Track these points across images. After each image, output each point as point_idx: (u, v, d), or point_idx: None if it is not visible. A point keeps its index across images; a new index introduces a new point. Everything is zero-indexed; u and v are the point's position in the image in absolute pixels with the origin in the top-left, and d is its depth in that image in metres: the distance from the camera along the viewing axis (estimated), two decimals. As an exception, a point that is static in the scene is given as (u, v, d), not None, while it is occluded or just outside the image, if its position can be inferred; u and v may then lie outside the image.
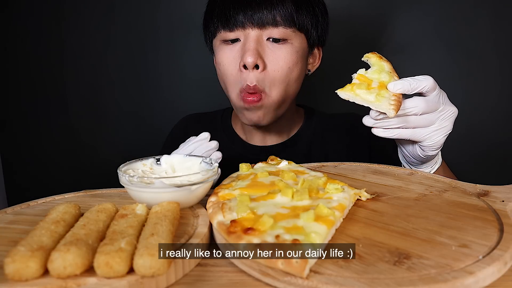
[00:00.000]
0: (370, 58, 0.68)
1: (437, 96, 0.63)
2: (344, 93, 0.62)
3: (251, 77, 0.82)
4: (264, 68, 0.82)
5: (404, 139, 0.66)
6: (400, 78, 0.63)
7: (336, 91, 0.62)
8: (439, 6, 1.31)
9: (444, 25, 1.32)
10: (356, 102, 0.62)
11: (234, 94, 0.87)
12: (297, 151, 0.99)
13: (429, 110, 0.63)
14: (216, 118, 1.09)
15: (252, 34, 0.82)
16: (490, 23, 1.30)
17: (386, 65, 0.66)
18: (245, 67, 0.82)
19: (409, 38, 1.34)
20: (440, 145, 0.66)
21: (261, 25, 0.81)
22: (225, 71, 0.86)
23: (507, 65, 1.32)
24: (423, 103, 0.62)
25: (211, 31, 0.89)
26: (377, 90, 0.61)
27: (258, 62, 0.80)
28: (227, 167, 0.66)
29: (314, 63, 0.97)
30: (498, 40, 1.31)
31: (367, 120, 0.65)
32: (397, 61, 1.34)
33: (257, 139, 1.02)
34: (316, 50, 0.95)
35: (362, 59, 0.68)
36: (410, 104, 0.62)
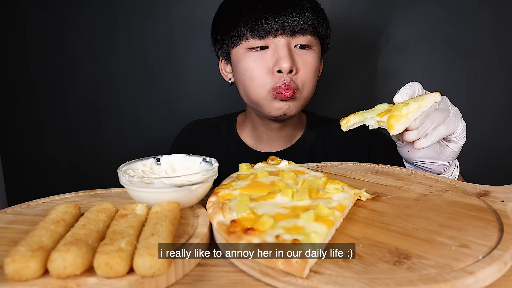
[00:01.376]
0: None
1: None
2: (398, 126, 0.56)
3: (283, 79, 0.86)
4: (297, 72, 0.88)
5: (440, 139, 0.64)
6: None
7: (391, 134, 0.57)
8: (439, 6, 1.31)
9: (444, 25, 1.32)
10: (410, 121, 0.57)
11: (263, 92, 0.88)
12: (300, 157, 1.00)
13: (440, 102, 0.62)
14: (221, 124, 1.10)
15: (282, 41, 0.86)
16: (490, 23, 1.30)
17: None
18: (278, 71, 0.86)
19: (409, 38, 1.34)
20: (464, 128, 0.66)
21: (291, 33, 0.86)
22: (253, 76, 0.88)
23: (508, 65, 1.32)
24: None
25: (233, 39, 0.90)
26: (402, 104, 0.59)
27: (293, 67, 0.86)
28: (229, 168, 0.66)
29: (321, 69, 1.01)
30: (499, 40, 1.31)
31: (410, 135, 0.61)
32: (397, 62, 1.35)
33: (265, 145, 1.04)
34: (322, 58, 1.00)
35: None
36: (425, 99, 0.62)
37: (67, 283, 0.36)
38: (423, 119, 0.59)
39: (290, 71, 0.86)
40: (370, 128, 0.61)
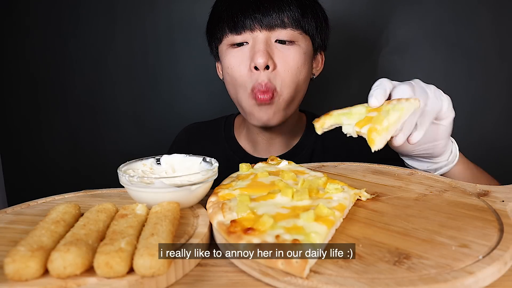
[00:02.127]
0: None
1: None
2: (379, 141, 0.53)
3: (262, 76, 0.83)
4: (274, 68, 0.84)
5: (431, 120, 0.62)
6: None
7: (374, 150, 0.53)
8: (439, 6, 1.31)
9: (444, 25, 1.32)
10: (391, 134, 0.55)
11: (245, 95, 0.87)
12: (301, 160, 0.99)
13: (415, 87, 0.60)
14: (219, 127, 1.09)
15: (260, 36, 0.84)
16: (490, 23, 1.30)
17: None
18: (256, 68, 0.83)
19: (409, 38, 1.34)
20: (449, 101, 0.63)
21: (270, 27, 0.83)
22: (234, 74, 0.87)
23: (508, 65, 1.32)
24: (406, 84, 0.60)
25: (217, 37, 0.90)
26: (383, 111, 0.56)
27: (268, 62, 0.82)
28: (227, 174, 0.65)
29: (318, 67, 0.98)
30: (499, 40, 1.31)
31: (398, 140, 0.60)
32: (397, 62, 1.35)
33: (262, 150, 1.02)
34: (319, 55, 0.97)
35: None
36: (400, 92, 0.59)
37: (67, 283, 0.36)
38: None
39: (268, 68, 0.83)
40: (347, 136, 0.58)
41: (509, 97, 1.34)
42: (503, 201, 0.54)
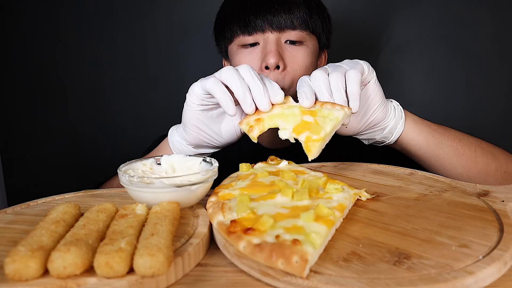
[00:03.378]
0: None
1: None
2: (316, 151, 0.56)
3: (271, 76, 0.85)
4: (284, 68, 0.86)
5: (358, 84, 0.63)
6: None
7: (310, 159, 0.57)
8: (439, 6, 1.31)
9: (444, 25, 1.32)
10: (327, 142, 0.58)
11: None
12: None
13: (328, 68, 0.64)
14: None
15: (271, 37, 0.86)
16: (490, 23, 1.30)
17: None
18: (266, 68, 0.85)
19: (409, 38, 1.34)
20: (366, 63, 0.66)
21: (280, 28, 0.86)
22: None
23: (508, 65, 1.32)
24: (318, 70, 0.63)
25: (228, 37, 0.92)
26: (319, 117, 0.58)
27: (279, 63, 0.84)
28: (231, 168, 0.66)
29: (321, 65, 1.00)
30: (498, 40, 1.31)
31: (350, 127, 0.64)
32: (397, 62, 1.35)
33: (266, 141, 1.03)
34: (322, 53, 0.99)
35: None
36: (315, 78, 0.62)
37: (67, 283, 0.36)
38: (330, 95, 0.61)
39: (278, 68, 0.85)
40: (283, 139, 0.59)
41: (509, 97, 1.34)
42: (503, 201, 0.54)
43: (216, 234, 0.47)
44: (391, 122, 0.72)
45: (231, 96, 0.60)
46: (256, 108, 0.61)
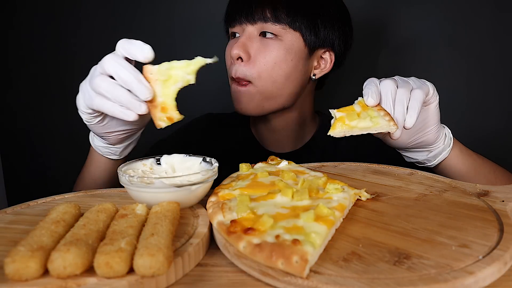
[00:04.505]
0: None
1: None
2: (338, 131, 0.61)
3: (235, 68, 0.88)
4: (249, 60, 0.87)
5: (421, 102, 0.65)
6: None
7: (329, 134, 0.61)
8: (440, 6, 1.30)
9: (444, 25, 1.32)
10: (354, 134, 0.61)
11: (230, 82, 0.93)
12: (311, 159, 0.98)
13: (398, 80, 0.66)
14: (236, 120, 1.09)
15: (247, 29, 0.89)
16: (490, 23, 1.30)
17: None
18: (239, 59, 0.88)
19: (409, 38, 1.34)
20: (431, 85, 0.67)
21: (253, 20, 0.87)
22: (226, 63, 0.94)
23: (508, 65, 1.32)
24: (389, 79, 0.65)
25: (227, 28, 0.97)
26: (366, 113, 0.61)
27: (241, 54, 0.86)
28: (231, 168, 0.66)
29: (321, 67, 0.96)
30: (499, 40, 1.31)
31: (396, 133, 0.64)
32: (397, 62, 1.35)
33: (271, 144, 1.03)
34: (326, 55, 0.95)
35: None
36: (384, 86, 0.64)
37: (67, 283, 0.36)
38: (392, 105, 0.62)
39: (242, 59, 0.86)
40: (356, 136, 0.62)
41: (509, 97, 1.33)
42: (503, 201, 0.54)
43: (216, 234, 0.47)
44: (439, 147, 0.73)
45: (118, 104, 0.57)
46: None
